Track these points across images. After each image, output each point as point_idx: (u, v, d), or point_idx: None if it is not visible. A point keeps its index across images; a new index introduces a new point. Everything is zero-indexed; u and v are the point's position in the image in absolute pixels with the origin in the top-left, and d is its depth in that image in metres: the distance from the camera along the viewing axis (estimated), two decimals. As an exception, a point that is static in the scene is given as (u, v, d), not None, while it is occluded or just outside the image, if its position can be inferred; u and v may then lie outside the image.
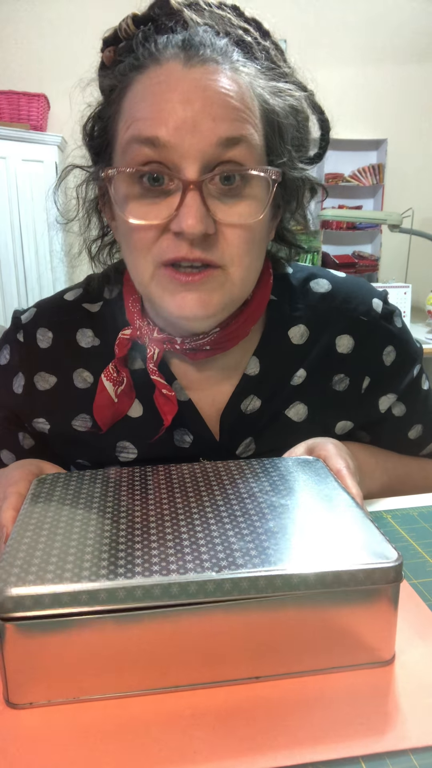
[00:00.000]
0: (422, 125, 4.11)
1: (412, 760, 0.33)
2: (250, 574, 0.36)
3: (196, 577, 0.35)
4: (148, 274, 0.52)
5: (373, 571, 0.37)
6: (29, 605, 0.34)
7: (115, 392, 0.60)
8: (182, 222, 0.48)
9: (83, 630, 0.35)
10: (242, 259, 0.52)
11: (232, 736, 0.34)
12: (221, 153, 0.49)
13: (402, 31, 3.93)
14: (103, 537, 0.40)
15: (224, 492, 0.48)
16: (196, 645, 0.36)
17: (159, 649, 0.36)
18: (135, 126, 0.49)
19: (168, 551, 0.38)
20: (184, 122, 0.48)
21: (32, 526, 0.42)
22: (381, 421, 0.67)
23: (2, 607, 0.34)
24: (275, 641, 0.37)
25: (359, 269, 4.06)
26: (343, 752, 0.33)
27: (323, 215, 2.46)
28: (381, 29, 3.91)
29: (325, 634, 0.38)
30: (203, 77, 0.49)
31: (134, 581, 0.35)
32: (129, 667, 0.36)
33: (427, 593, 0.47)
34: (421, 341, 2.55)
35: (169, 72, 0.49)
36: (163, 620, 0.35)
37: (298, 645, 0.38)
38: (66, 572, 0.36)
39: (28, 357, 0.63)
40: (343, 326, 0.63)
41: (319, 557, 0.38)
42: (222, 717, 0.35)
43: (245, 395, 0.62)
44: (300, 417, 0.63)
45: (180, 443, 0.62)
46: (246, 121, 0.50)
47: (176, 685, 0.37)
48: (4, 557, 0.38)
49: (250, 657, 0.37)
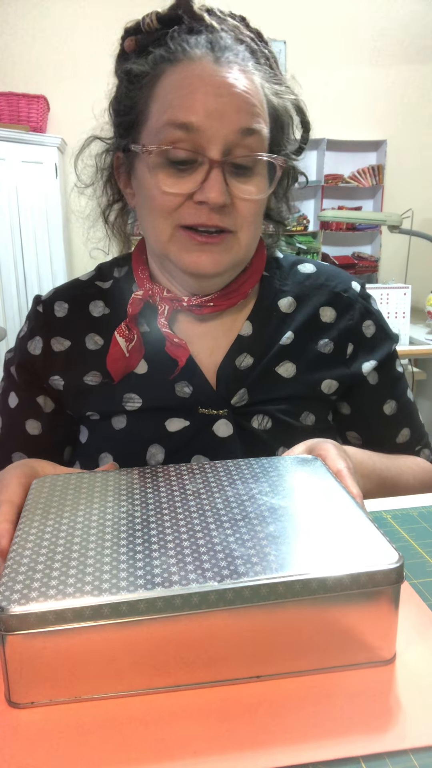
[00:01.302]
0: (422, 126, 4.12)
1: (412, 759, 0.33)
2: (252, 582, 0.36)
3: (199, 588, 0.36)
4: (167, 235, 0.62)
5: (375, 573, 0.37)
6: (33, 623, 0.34)
7: (127, 347, 0.67)
8: (207, 193, 0.58)
9: (85, 633, 0.35)
10: (249, 226, 0.63)
11: (231, 736, 0.34)
12: (240, 140, 0.59)
13: (402, 32, 3.94)
14: (104, 549, 0.40)
15: (224, 494, 0.48)
16: (196, 646, 0.36)
17: (160, 651, 0.36)
18: (171, 111, 0.59)
19: (170, 560, 0.38)
20: (213, 111, 0.58)
21: (33, 536, 0.42)
22: (361, 385, 0.73)
23: (6, 626, 0.34)
24: (276, 642, 0.37)
25: (359, 270, 4.06)
26: (343, 752, 0.33)
27: (323, 216, 2.46)
28: (381, 30, 3.91)
29: (326, 634, 0.38)
30: (230, 76, 0.59)
31: (137, 595, 0.35)
32: (130, 667, 0.36)
33: (427, 593, 0.47)
34: (421, 342, 2.54)
35: (201, 68, 0.59)
36: (164, 623, 0.36)
37: (299, 645, 0.38)
38: (69, 587, 0.36)
39: (45, 324, 0.72)
40: (325, 299, 0.73)
41: (321, 562, 0.38)
42: (222, 716, 0.35)
43: (239, 353, 0.70)
44: (289, 374, 0.71)
45: (181, 393, 0.68)
46: (259, 115, 0.60)
47: (177, 684, 0.37)
48: (5, 573, 0.38)
49: (250, 657, 0.37)
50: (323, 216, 2.46)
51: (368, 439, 0.75)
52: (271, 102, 0.63)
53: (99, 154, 0.69)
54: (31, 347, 0.71)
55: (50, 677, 0.36)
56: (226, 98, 0.58)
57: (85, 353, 0.70)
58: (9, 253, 3.24)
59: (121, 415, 0.69)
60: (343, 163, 4.07)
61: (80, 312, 0.72)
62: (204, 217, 0.60)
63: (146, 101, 0.62)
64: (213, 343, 0.70)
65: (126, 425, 0.68)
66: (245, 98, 0.59)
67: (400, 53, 3.98)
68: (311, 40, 3.84)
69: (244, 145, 0.60)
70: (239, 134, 0.59)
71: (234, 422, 0.68)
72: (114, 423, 0.69)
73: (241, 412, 0.69)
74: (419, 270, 3.75)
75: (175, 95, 0.59)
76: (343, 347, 0.72)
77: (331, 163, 4.01)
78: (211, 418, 0.68)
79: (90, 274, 0.76)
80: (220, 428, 0.68)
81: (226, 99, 0.58)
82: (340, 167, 4.07)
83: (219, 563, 0.38)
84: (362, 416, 0.75)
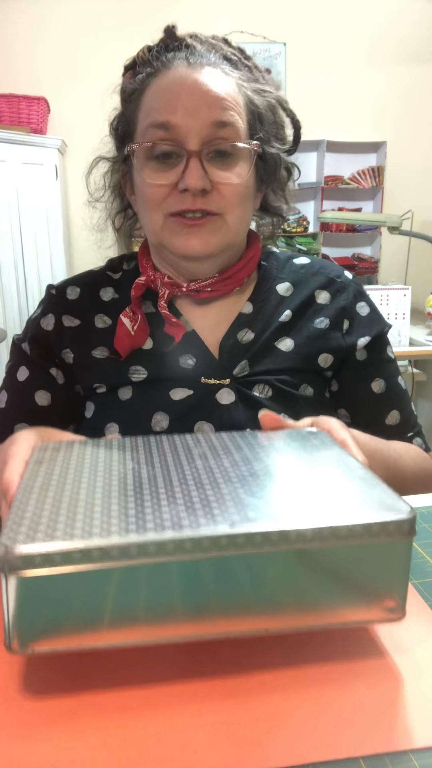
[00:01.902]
0: (422, 127, 4.12)
1: (412, 759, 0.33)
2: (263, 528, 0.35)
3: (210, 531, 0.34)
4: (160, 224, 0.69)
5: (388, 524, 0.36)
6: (39, 563, 0.33)
7: (132, 327, 0.72)
8: (187, 180, 0.64)
9: (92, 576, 0.34)
10: (234, 208, 0.68)
11: (231, 736, 0.34)
12: (215, 132, 0.65)
13: (401, 33, 3.94)
14: (112, 496, 0.39)
15: (231, 457, 0.46)
16: (206, 593, 0.36)
17: (168, 597, 0.35)
18: (152, 114, 0.66)
19: (179, 508, 0.37)
20: (188, 109, 0.65)
21: (38, 486, 0.41)
22: (350, 360, 0.77)
23: (12, 566, 0.33)
24: (286, 591, 0.37)
25: (359, 271, 4.06)
26: (344, 752, 0.33)
27: (323, 217, 2.46)
28: (380, 32, 3.92)
29: (337, 586, 0.37)
30: (201, 77, 0.66)
31: (147, 537, 0.34)
32: (137, 614, 0.35)
33: (427, 593, 0.47)
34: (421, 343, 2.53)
35: (176, 73, 0.67)
36: (174, 568, 0.35)
37: (309, 596, 0.37)
38: (76, 530, 0.35)
39: (57, 303, 0.77)
40: (320, 284, 0.78)
41: (333, 512, 0.37)
42: (222, 716, 0.35)
43: (240, 328, 0.75)
44: (288, 348, 0.75)
45: (184, 365, 0.72)
46: (232, 108, 0.67)
47: (183, 635, 0.36)
48: (10, 516, 0.37)
49: (260, 606, 0.37)
50: (323, 217, 2.46)
51: (356, 416, 0.78)
52: (249, 97, 0.70)
53: (106, 172, 0.77)
54: (44, 323, 0.76)
55: (54, 622, 0.34)
56: (197, 96, 0.65)
57: (94, 331, 0.75)
58: (9, 254, 3.24)
59: (127, 387, 0.72)
60: (343, 165, 4.07)
61: (91, 296, 0.77)
62: (189, 203, 0.66)
63: (134, 112, 0.70)
64: (215, 321, 0.75)
65: (132, 396, 0.72)
66: (215, 94, 0.65)
67: (400, 55, 3.98)
68: (311, 41, 3.84)
69: (220, 136, 0.66)
70: (213, 127, 0.65)
71: (236, 391, 0.71)
72: (120, 394, 0.72)
73: (242, 381, 0.72)
74: (419, 271, 3.75)
75: (155, 100, 0.67)
76: (339, 323, 0.77)
77: (331, 164, 4.00)
78: (214, 388, 0.71)
79: (102, 266, 0.82)
80: (222, 396, 0.71)
81: (198, 96, 0.65)
82: (340, 168, 4.07)
83: (229, 510, 0.37)
84: (350, 392, 0.78)
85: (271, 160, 0.73)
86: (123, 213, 0.81)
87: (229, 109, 0.66)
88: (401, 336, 2.35)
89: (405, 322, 2.34)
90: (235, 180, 0.67)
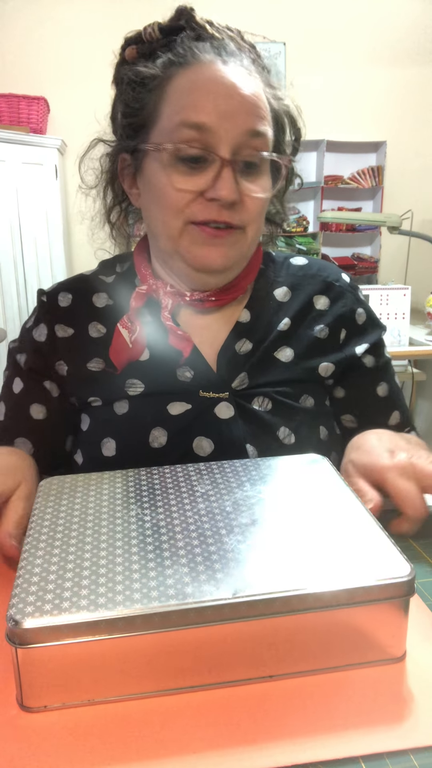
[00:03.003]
0: (422, 127, 4.12)
1: (412, 760, 0.33)
2: (265, 596, 0.36)
3: (213, 601, 0.35)
4: (178, 230, 0.64)
5: (387, 586, 0.37)
6: (47, 636, 0.34)
7: (130, 339, 0.70)
8: (219, 191, 0.61)
9: (98, 645, 0.35)
10: (255, 221, 0.66)
11: (231, 736, 0.34)
12: (248, 140, 0.62)
13: (401, 33, 3.94)
14: (116, 557, 0.40)
15: (233, 497, 0.47)
16: (210, 654, 0.37)
17: (173, 658, 0.36)
18: (184, 112, 0.61)
19: (182, 570, 0.38)
20: (224, 113, 0.60)
21: (43, 544, 0.42)
22: (357, 368, 0.76)
23: (21, 639, 0.34)
24: (288, 646, 0.38)
25: (359, 271, 4.06)
26: (344, 752, 0.33)
27: (322, 217, 2.46)
28: (380, 32, 3.92)
29: (338, 638, 0.38)
30: (238, 79, 0.62)
31: (151, 608, 0.35)
32: (143, 674, 0.36)
33: (427, 593, 0.47)
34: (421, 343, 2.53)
35: (211, 71, 0.61)
36: (178, 634, 0.36)
37: (311, 649, 0.38)
38: (82, 599, 0.36)
39: (49, 312, 0.74)
40: (318, 288, 0.76)
41: (334, 574, 0.38)
42: (224, 716, 0.36)
43: (239, 338, 0.72)
44: (287, 358, 0.73)
45: (182, 378, 0.70)
46: (265, 117, 0.64)
47: (190, 686, 0.37)
48: (18, 584, 0.37)
49: (262, 661, 0.38)
50: (323, 217, 2.46)
51: (362, 421, 0.77)
52: (272, 105, 0.66)
53: (103, 156, 0.72)
54: (36, 334, 0.73)
55: (63, 684, 0.36)
56: (235, 100, 0.61)
57: (88, 341, 0.72)
58: (9, 254, 3.24)
59: (123, 401, 0.70)
60: (343, 165, 4.07)
61: (84, 302, 0.74)
62: (215, 214, 0.62)
63: (156, 103, 0.64)
64: (214, 332, 0.73)
65: (128, 410, 0.69)
66: (253, 101, 0.62)
67: (399, 54, 3.99)
68: (311, 41, 3.84)
69: (251, 145, 0.62)
70: (247, 135, 0.62)
71: (235, 404, 0.69)
72: (116, 408, 0.70)
73: (241, 394, 0.70)
74: (419, 271, 3.75)
75: (188, 97, 0.61)
76: (336, 333, 0.75)
77: (331, 164, 4.00)
78: (212, 401, 0.69)
79: (93, 269, 0.79)
80: (221, 410, 0.69)
81: (236, 101, 0.61)
82: (339, 168, 4.07)
83: (231, 572, 0.38)
84: (358, 398, 0.77)
85: (287, 172, 0.71)
86: (120, 207, 0.76)
87: (263, 118, 0.63)
88: (401, 336, 2.35)
89: (405, 322, 2.34)
90: (262, 194, 0.65)
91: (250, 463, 0.53)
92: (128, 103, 0.66)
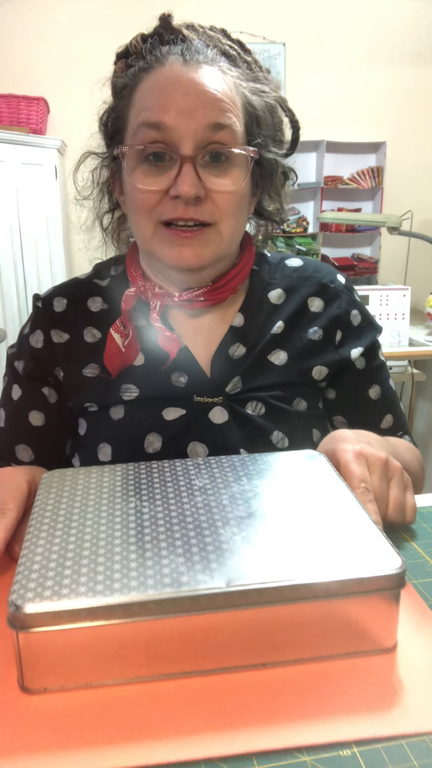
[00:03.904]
0: (421, 128, 4.12)
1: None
2: (258, 585, 0.37)
3: (207, 590, 0.37)
4: (150, 232, 0.65)
5: (378, 578, 0.38)
6: (47, 621, 0.35)
7: (123, 343, 0.69)
8: (179, 187, 0.61)
9: (96, 630, 0.36)
10: (229, 218, 0.65)
11: (226, 720, 0.35)
12: (210, 135, 0.62)
13: (401, 34, 3.95)
14: (114, 547, 0.41)
15: (230, 491, 0.48)
16: (204, 641, 0.37)
17: (168, 644, 0.37)
18: (144, 113, 0.62)
19: (178, 560, 0.39)
20: (182, 110, 0.61)
21: (44, 534, 0.43)
22: (349, 370, 0.76)
23: (22, 624, 0.35)
24: (281, 636, 0.38)
25: (358, 271, 4.06)
26: (337, 736, 0.34)
27: (322, 218, 2.47)
28: (380, 32, 3.92)
29: (330, 628, 0.39)
30: (197, 75, 0.62)
31: (148, 595, 0.36)
32: (140, 658, 0.37)
33: (426, 593, 0.47)
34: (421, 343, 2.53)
35: (171, 70, 0.62)
36: (173, 621, 0.37)
37: (304, 638, 0.39)
38: (81, 586, 0.37)
39: (44, 318, 0.74)
40: (313, 290, 0.76)
41: (326, 565, 0.39)
42: (218, 701, 0.36)
43: (232, 342, 0.72)
44: (281, 362, 0.73)
45: (177, 383, 0.70)
46: (229, 110, 0.63)
47: (185, 671, 0.38)
48: (19, 571, 0.39)
49: (256, 649, 0.38)
50: (323, 218, 2.46)
51: (354, 423, 0.77)
52: (247, 98, 0.66)
53: (95, 168, 0.73)
54: (33, 341, 0.73)
55: (62, 667, 0.37)
56: (193, 96, 0.61)
57: (84, 346, 0.72)
58: (9, 254, 3.24)
59: (118, 406, 0.70)
60: (343, 165, 4.07)
61: (79, 307, 0.74)
62: (180, 211, 0.62)
63: (125, 109, 0.66)
64: (207, 335, 0.73)
65: (124, 415, 0.70)
66: (212, 95, 0.61)
67: (399, 55, 3.99)
68: (310, 41, 3.84)
69: (216, 139, 0.62)
70: (209, 129, 0.61)
71: (229, 409, 0.70)
72: (112, 413, 0.70)
73: (235, 399, 0.70)
74: (419, 271, 3.75)
75: (147, 98, 0.63)
76: (331, 334, 0.75)
77: (331, 164, 4.01)
78: (206, 406, 0.69)
79: (88, 273, 0.79)
80: (215, 415, 0.69)
81: (194, 97, 0.61)
82: (339, 169, 4.07)
83: (226, 563, 0.39)
84: (349, 400, 0.77)
85: (268, 165, 0.70)
86: (111, 213, 0.77)
87: (227, 111, 0.62)
88: (401, 336, 2.35)
89: (404, 322, 2.34)
90: (231, 187, 0.64)
91: (247, 459, 0.54)
92: (109, 113, 0.70)
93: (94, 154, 0.72)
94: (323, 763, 0.32)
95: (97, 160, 0.73)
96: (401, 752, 0.33)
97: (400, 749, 0.33)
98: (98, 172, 0.73)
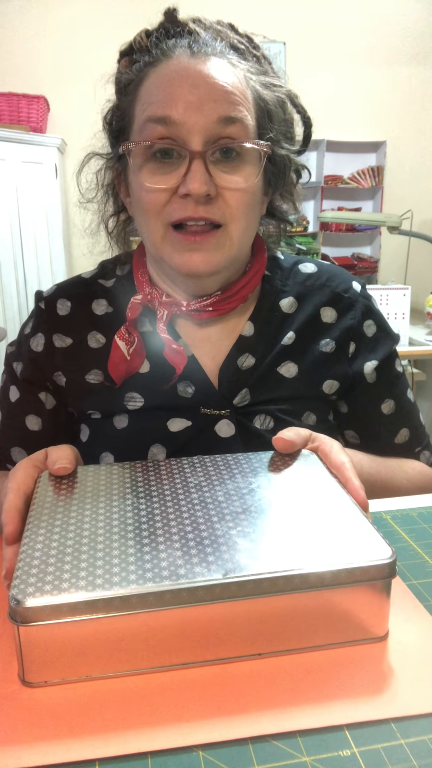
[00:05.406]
0: (421, 127, 4.12)
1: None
2: (254, 576, 0.38)
3: (204, 582, 0.37)
4: (160, 235, 0.62)
5: (370, 568, 0.39)
6: (48, 614, 0.36)
7: (128, 351, 0.67)
8: (189, 185, 0.58)
9: (96, 623, 0.37)
10: (239, 218, 0.62)
11: (222, 707, 0.36)
12: (221, 129, 0.59)
13: (401, 33, 3.95)
14: (113, 542, 0.42)
15: (225, 487, 0.49)
16: (201, 632, 0.38)
17: (167, 636, 0.38)
18: (150, 108, 0.59)
19: (176, 553, 0.40)
20: (191, 104, 0.58)
21: (43, 530, 0.43)
22: (360, 384, 0.73)
23: (23, 617, 0.36)
24: (276, 626, 0.39)
25: (358, 271, 4.06)
26: (330, 720, 0.35)
27: (322, 217, 2.46)
28: (380, 32, 3.92)
29: (323, 618, 0.40)
30: (206, 68, 0.59)
31: (146, 588, 0.37)
32: (138, 650, 0.38)
33: (426, 593, 0.47)
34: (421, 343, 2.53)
35: (178, 63, 0.60)
36: (171, 613, 0.38)
37: (298, 628, 0.40)
38: (80, 580, 0.38)
39: (47, 321, 0.71)
40: (326, 299, 0.72)
41: (319, 556, 0.40)
42: (215, 690, 0.37)
43: (241, 353, 0.69)
44: (291, 374, 0.70)
45: (183, 394, 0.68)
46: (240, 104, 0.60)
47: (183, 662, 0.39)
48: (19, 566, 0.39)
49: (252, 640, 0.39)
50: (323, 217, 2.46)
51: (366, 438, 0.75)
52: (258, 92, 0.63)
53: (99, 170, 0.70)
54: (33, 344, 0.71)
55: (62, 660, 0.37)
56: (202, 89, 0.58)
57: (87, 351, 0.70)
58: (9, 253, 3.24)
59: (122, 415, 0.68)
60: (343, 164, 4.07)
61: (83, 310, 0.71)
62: (190, 210, 0.59)
63: (131, 106, 0.63)
64: (215, 345, 0.70)
65: (128, 425, 0.68)
66: (222, 87, 0.58)
67: (399, 54, 3.99)
68: (311, 41, 3.84)
69: (226, 134, 0.59)
70: (219, 124, 0.58)
71: (236, 422, 0.68)
72: (116, 422, 0.68)
73: (243, 412, 0.68)
74: (419, 271, 3.75)
75: (154, 92, 0.60)
76: (345, 346, 0.72)
77: (331, 164, 4.01)
78: (213, 418, 0.67)
79: (93, 271, 0.75)
80: (222, 428, 0.67)
81: (203, 90, 0.58)
82: (339, 168, 4.07)
83: (222, 556, 0.40)
84: (360, 415, 0.74)
85: (280, 162, 0.66)
86: (116, 216, 0.74)
87: (237, 104, 0.59)
88: (401, 336, 2.35)
89: (405, 322, 2.34)
90: (243, 184, 0.60)
91: (242, 457, 0.55)
92: (113, 111, 0.67)
93: (98, 155, 0.70)
94: (323, 763, 0.33)
95: (101, 161, 0.70)
96: (401, 752, 0.33)
97: (400, 749, 0.33)
98: (102, 174, 0.70)
